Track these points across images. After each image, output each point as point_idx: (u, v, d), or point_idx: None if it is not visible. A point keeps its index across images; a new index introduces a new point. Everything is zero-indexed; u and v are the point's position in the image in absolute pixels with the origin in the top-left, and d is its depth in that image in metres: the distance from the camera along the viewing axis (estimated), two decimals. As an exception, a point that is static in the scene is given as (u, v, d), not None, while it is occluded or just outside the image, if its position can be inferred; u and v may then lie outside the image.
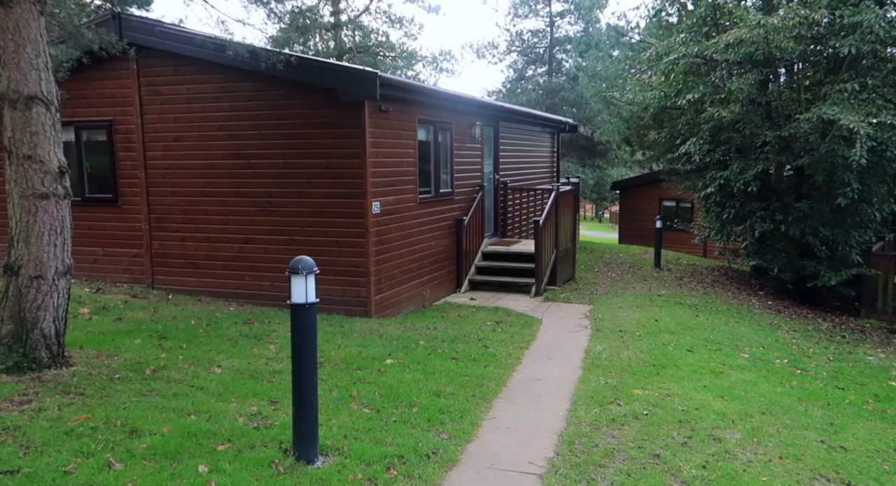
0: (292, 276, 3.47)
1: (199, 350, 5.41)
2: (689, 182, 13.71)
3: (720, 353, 6.92)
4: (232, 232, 8.49)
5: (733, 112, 9.90)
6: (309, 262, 3.52)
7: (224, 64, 8.09)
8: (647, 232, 23.01)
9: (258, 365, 5.16)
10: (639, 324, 8.02)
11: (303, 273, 3.47)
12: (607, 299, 9.82)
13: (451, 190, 10.23)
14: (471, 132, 10.88)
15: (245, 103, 8.27)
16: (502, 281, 10.60)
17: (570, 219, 11.92)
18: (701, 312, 9.25)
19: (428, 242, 9.52)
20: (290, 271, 3.49)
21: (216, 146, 8.44)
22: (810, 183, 11.16)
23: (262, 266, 8.42)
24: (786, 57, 9.62)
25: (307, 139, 8.07)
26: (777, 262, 11.01)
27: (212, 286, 8.61)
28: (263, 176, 8.29)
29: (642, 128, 13.80)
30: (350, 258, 8.03)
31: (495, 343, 6.71)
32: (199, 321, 6.57)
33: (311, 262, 3.53)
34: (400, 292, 8.71)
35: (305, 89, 7.96)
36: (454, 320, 7.99)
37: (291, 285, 3.48)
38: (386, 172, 8.29)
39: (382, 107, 8.08)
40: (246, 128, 8.30)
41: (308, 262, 3.51)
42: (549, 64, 26.98)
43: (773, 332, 8.69)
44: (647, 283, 11.71)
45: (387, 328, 7.03)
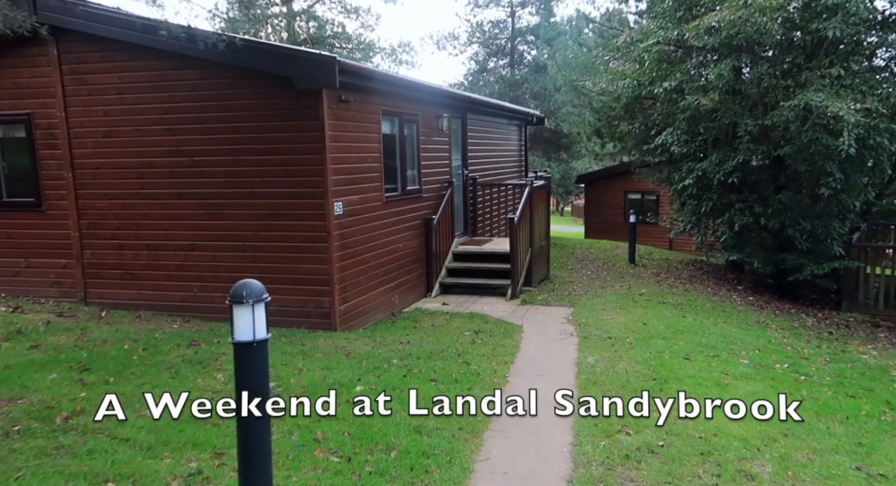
0: (235, 306, 2.68)
1: (129, 384, 4.52)
2: (663, 174, 13.29)
3: (719, 360, 6.40)
4: (176, 238, 7.54)
5: (713, 100, 9.45)
6: (257, 287, 2.72)
7: (160, 49, 7.12)
8: (612, 226, 22.77)
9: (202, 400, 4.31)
10: (627, 329, 7.45)
11: (248, 302, 2.68)
12: (588, 301, 9.25)
13: (419, 187, 9.48)
14: (438, 125, 10.14)
15: (186, 93, 7.32)
16: (475, 283, 9.92)
17: (544, 215, 11.32)
18: (687, 312, 8.76)
19: (395, 244, 8.75)
20: (232, 299, 2.70)
21: (154, 142, 7.46)
22: (788, 174, 10.84)
23: (211, 276, 7.50)
24: (767, 41, 9.19)
25: (259, 133, 7.18)
26: (756, 256, 10.66)
27: (153, 300, 7.64)
28: (210, 175, 7.37)
29: (614, 119, 13.30)
30: (311, 265, 7.21)
31: (477, 358, 6.02)
32: (134, 345, 5.65)
33: (259, 287, 2.74)
34: (367, 300, 7.92)
35: (255, 77, 7.07)
36: (428, 330, 7.26)
37: (234, 317, 2.68)
38: (348, 169, 7.48)
39: (342, 96, 7.26)
40: (188, 121, 7.35)
41: (255, 287, 2.71)
42: (511, 56, 26.42)
43: (763, 331, 8.26)
44: (624, 280, 11.22)
45: (354, 345, 6.25)
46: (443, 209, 9.99)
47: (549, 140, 24.75)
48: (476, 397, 4.86)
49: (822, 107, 8.35)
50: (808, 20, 9.07)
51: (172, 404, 3.01)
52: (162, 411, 3.00)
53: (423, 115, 9.55)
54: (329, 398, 4.37)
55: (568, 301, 9.28)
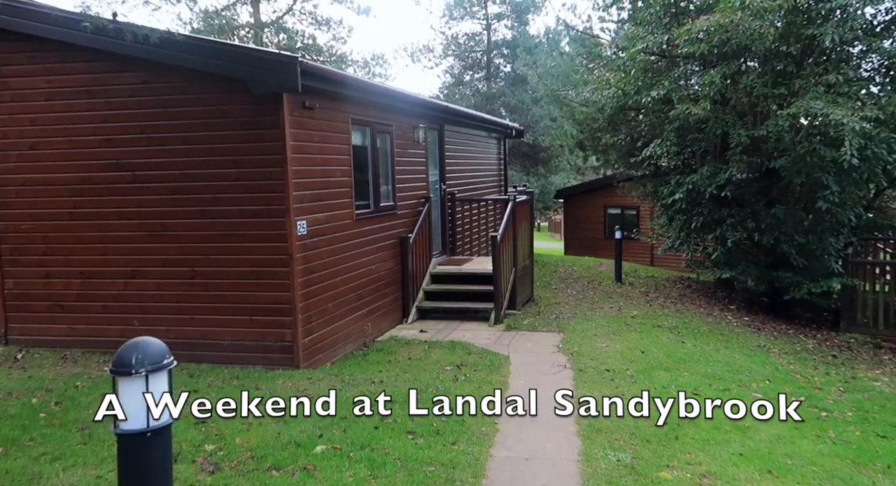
0: (120, 378, 1.85)
1: (22, 458, 3.59)
2: (648, 188, 12.75)
3: (730, 395, 5.69)
4: (114, 264, 6.62)
5: (705, 109, 8.89)
6: (154, 349, 1.90)
7: (97, 48, 6.31)
8: (593, 241, 22.24)
9: (113, 479, 3.43)
10: (625, 358, 6.73)
11: (141, 371, 1.85)
12: (577, 325, 8.53)
13: (394, 203, 8.70)
14: (414, 136, 9.40)
15: (127, 99, 6.47)
16: (455, 307, 9.14)
17: (527, 232, 10.63)
18: (685, 336, 8.10)
19: (368, 266, 7.94)
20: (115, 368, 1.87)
21: (90, 155, 6.58)
22: (780, 187, 10.34)
23: (155, 307, 6.60)
24: (759, 47, 8.70)
25: (211, 144, 6.35)
26: (750, 273, 10.09)
27: (88, 335, 6.69)
28: (154, 192, 6.50)
29: (597, 131, 12.74)
30: (270, 292, 6.36)
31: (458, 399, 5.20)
32: (45, 397, 4.71)
33: (159, 349, 1.93)
34: (335, 330, 7.08)
35: (208, 80, 6.26)
36: (404, 365, 6.44)
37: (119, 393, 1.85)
38: (314, 184, 6.68)
39: (307, 102, 6.48)
40: (129, 131, 6.49)
41: (153, 350, 1.90)
42: (487, 69, 25.95)
43: (767, 357, 7.63)
44: (613, 301, 10.55)
45: (318, 386, 5.40)
46: (419, 227, 9.22)
47: (527, 154, 24.24)
48: (462, 457, 4.05)
49: (823, 115, 7.83)
50: (801, 26, 8.61)
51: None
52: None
53: (397, 125, 8.81)
54: (280, 464, 3.54)
55: (556, 326, 8.55)
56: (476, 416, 4.78)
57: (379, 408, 4.49)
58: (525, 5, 24.60)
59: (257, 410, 3.08)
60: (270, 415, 3.88)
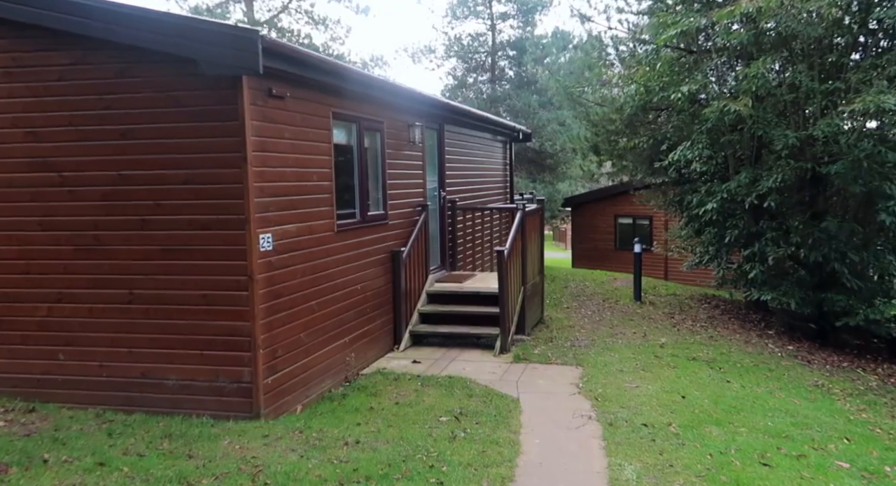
0: None
1: None
2: (669, 196, 11.52)
3: (808, 463, 4.43)
4: (37, 285, 5.41)
5: (747, 106, 7.67)
6: None
7: (19, 21, 5.13)
8: (602, 253, 20.98)
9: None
10: (663, 406, 5.47)
11: None
12: (598, 356, 7.27)
13: (384, 212, 7.49)
14: (409, 135, 8.19)
15: (54, 83, 5.28)
16: (455, 333, 7.90)
17: (537, 246, 9.39)
18: (728, 373, 6.83)
19: (352, 285, 6.71)
20: None
21: (8, 152, 5.39)
22: (827, 195, 9.09)
23: (85, 338, 5.38)
24: (812, 34, 7.48)
25: (155, 138, 5.15)
26: (793, 295, 8.80)
27: (5, 372, 5.47)
28: (86, 197, 5.29)
29: (613, 134, 11.52)
30: (225, 321, 5.13)
31: (456, 472, 3.96)
32: None
33: None
34: (309, 364, 5.84)
35: (153, 61, 5.06)
36: (389, 413, 5.19)
37: None
38: (283, 189, 5.47)
39: (274, 90, 5.28)
40: (57, 122, 5.30)
41: None
42: (491, 71, 24.77)
43: (830, 402, 6.36)
44: (635, 324, 9.29)
45: (274, 451, 4.14)
46: (414, 239, 8.00)
47: (533, 160, 23.02)
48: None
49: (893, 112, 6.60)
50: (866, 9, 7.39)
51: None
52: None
53: (389, 122, 7.61)
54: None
55: (573, 357, 7.29)
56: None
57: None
58: (532, 4, 23.47)
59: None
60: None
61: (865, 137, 7.76)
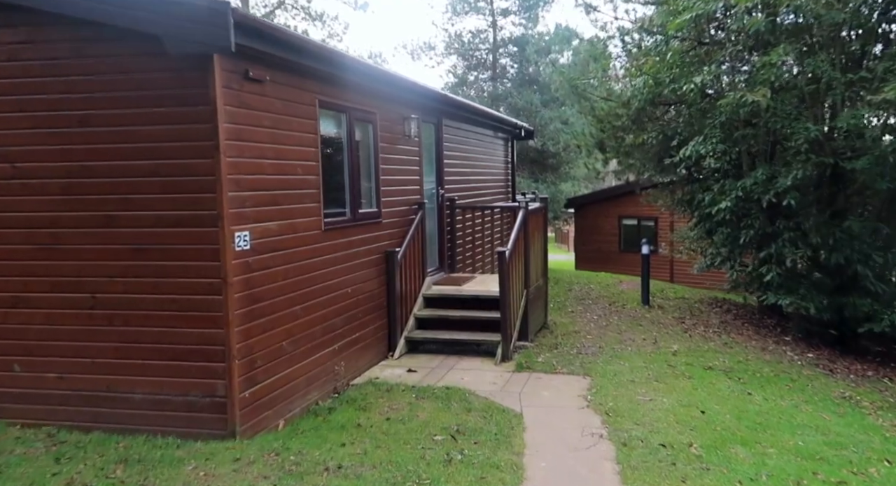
0: None
1: None
2: (678, 195, 11.00)
3: (850, 492, 3.91)
4: (-11, 288, 4.90)
5: (765, 96, 7.16)
6: None
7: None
8: (606, 255, 20.45)
9: None
10: (681, 422, 4.94)
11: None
12: (607, 365, 6.75)
13: (378, 210, 6.97)
14: (404, 128, 7.68)
15: (3, 64, 4.78)
16: (453, 339, 7.38)
17: (540, 247, 8.87)
18: (748, 384, 6.31)
19: (342, 288, 6.20)
20: None
21: (-43, 140, 4.88)
22: (848, 194, 8.57)
23: (44, 347, 4.87)
24: (835, 19, 6.96)
25: (119, 126, 4.65)
26: (812, 299, 8.27)
27: (-48, 384, 4.96)
28: (42, 190, 4.79)
29: (619, 129, 11.01)
30: (197, 329, 4.63)
31: (454, 503, 3.44)
32: None
33: None
34: (292, 375, 5.32)
35: (115, 38, 4.56)
36: (379, 431, 4.67)
37: None
38: (263, 183, 4.97)
39: (251, 72, 4.77)
40: (7, 107, 4.80)
41: None
42: (492, 68, 24.25)
43: (861, 416, 5.83)
44: (644, 329, 8.77)
45: (242, 480, 3.62)
46: (410, 239, 7.49)
47: (535, 160, 22.50)
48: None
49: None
50: None
51: None
52: None
53: (383, 114, 7.10)
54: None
55: (580, 365, 6.77)
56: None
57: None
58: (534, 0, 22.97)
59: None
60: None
61: (893, 131, 7.26)
